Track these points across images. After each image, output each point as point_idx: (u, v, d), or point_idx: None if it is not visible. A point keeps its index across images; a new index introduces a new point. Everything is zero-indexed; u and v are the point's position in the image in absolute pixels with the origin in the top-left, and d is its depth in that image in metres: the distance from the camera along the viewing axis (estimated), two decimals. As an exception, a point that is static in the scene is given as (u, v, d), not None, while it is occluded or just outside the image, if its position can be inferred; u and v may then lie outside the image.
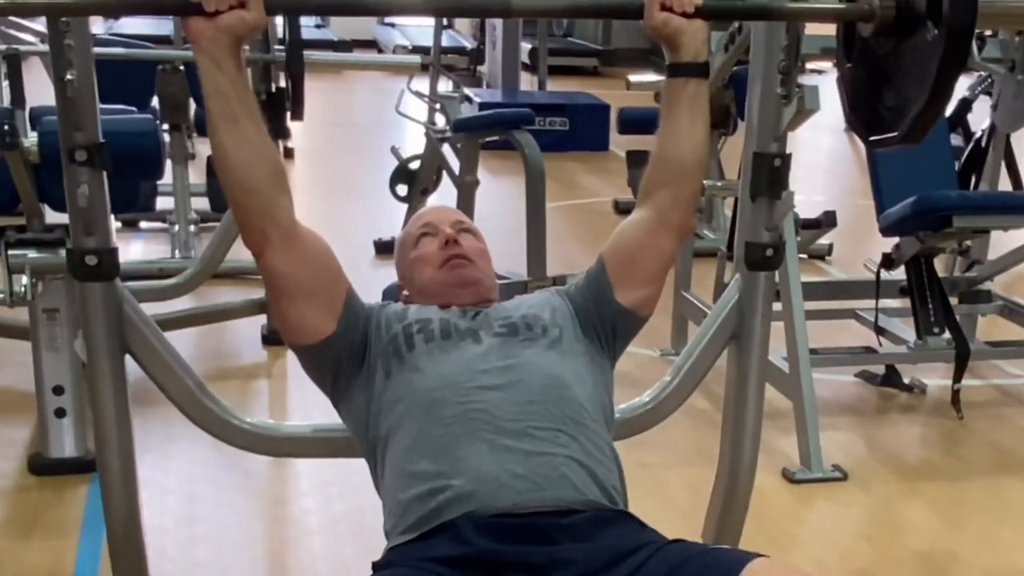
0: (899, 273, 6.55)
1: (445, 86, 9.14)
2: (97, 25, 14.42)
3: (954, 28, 2.89)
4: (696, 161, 3.23)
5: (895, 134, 3.15)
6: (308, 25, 17.19)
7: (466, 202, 7.91)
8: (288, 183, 3.01)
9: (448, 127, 8.13)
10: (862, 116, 3.40)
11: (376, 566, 2.84)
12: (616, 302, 3.25)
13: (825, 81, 4.84)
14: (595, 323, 3.26)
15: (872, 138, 3.37)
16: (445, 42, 9.72)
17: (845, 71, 3.49)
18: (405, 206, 8.42)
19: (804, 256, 8.55)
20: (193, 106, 7.74)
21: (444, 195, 8.27)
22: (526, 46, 16.47)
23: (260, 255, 2.99)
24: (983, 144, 7.34)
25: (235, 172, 2.88)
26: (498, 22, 15.15)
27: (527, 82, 16.17)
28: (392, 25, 21.59)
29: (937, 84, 2.96)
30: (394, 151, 8.83)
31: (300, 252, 3.00)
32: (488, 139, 8.07)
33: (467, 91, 10.92)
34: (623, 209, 10.73)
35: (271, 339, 6.98)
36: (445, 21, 10.19)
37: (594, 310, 3.27)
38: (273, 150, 2.99)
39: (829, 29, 3.66)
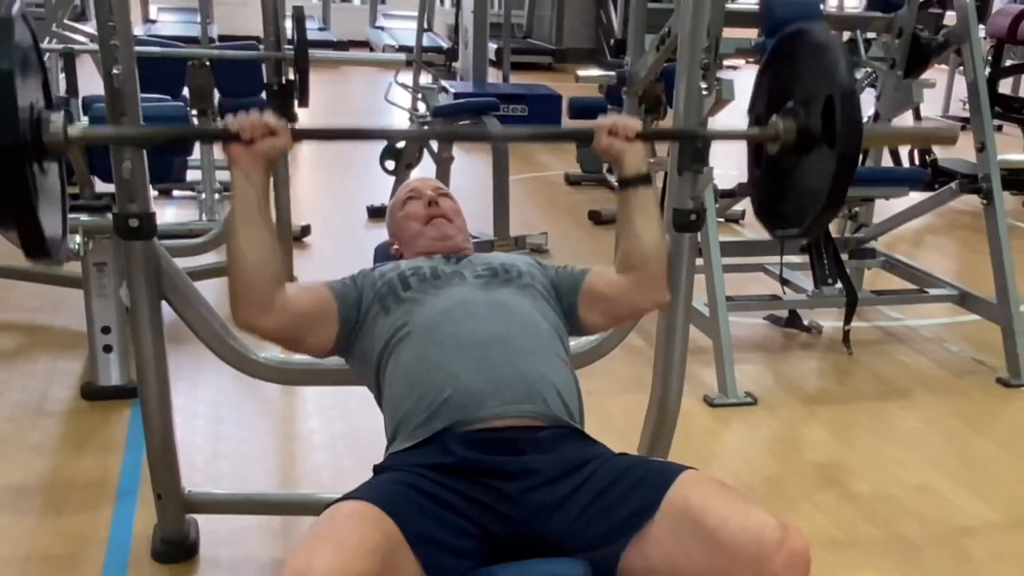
0: (800, 234, 6.56)
1: (426, 79, 9.15)
2: (137, 28, 14.41)
3: (844, 153, 3.04)
4: (655, 250, 3.22)
5: (797, 230, 3.28)
6: (312, 28, 17.19)
7: (443, 175, 7.90)
8: (284, 281, 3.03)
9: (428, 113, 8.14)
10: (769, 215, 3.53)
11: (377, 469, 2.88)
12: (576, 309, 3.27)
13: (739, 76, 4.84)
14: (556, 298, 3.28)
15: (777, 232, 3.49)
16: (426, 42, 9.72)
17: (755, 179, 3.57)
18: (392, 178, 8.40)
19: (722, 220, 8.56)
20: (217, 95, 7.71)
21: (425, 169, 8.26)
22: (493, 46, 16.42)
23: (251, 330, 3.04)
24: (869, 128, 7.36)
25: (244, 269, 2.92)
26: (470, 27, 15.15)
27: (493, 75, 16.14)
28: (382, 28, 21.52)
29: (831, 196, 3.12)
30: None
31: (290, 316, 3.03)
32: (461, 123, 8.08)
33: (444, 83, 10.93)
34: (573, 181, 10.80)
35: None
36: (426, 24, 10.19)
37: (558, 293, 3.29)
38: (278, 256, 3.02)
39: (742, 33, 3.71)
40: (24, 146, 2.66)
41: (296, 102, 6.91)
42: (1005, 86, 12.88)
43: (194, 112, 7.32)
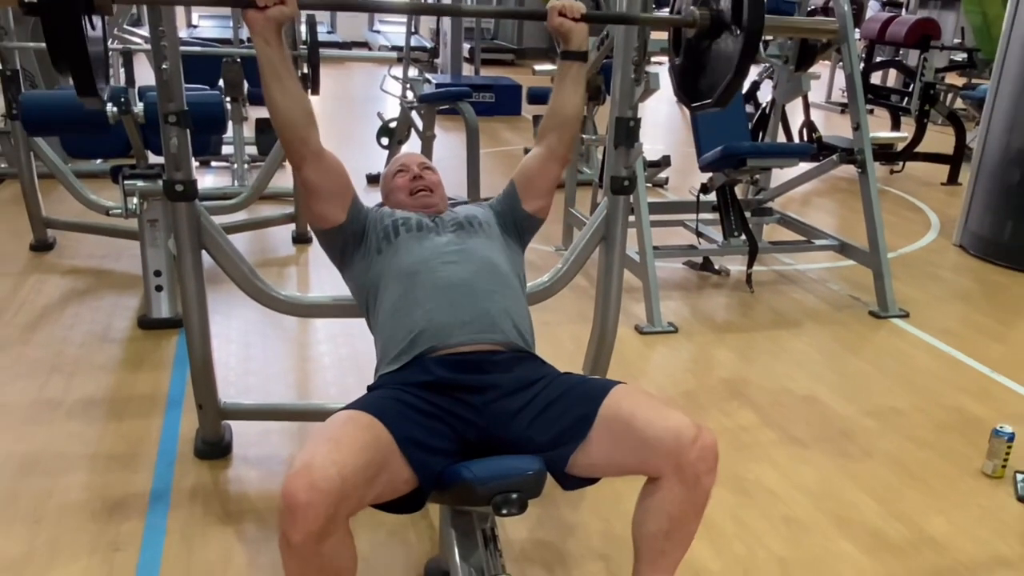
0: (712, 196, 6.57)
1: (413, 72, 9.10)
2: (182, 31, 14.32)
3: (750, 31, 3.02)
4: (575, 115, 3.36)
5: (710, 101, 3.25)
6: (322, 31, 17.13)
7: (427, 150, 7.90)
8: (315, 120, 3.09)
9: (415, 99, 8.12)
10: (687, 91, 3.48)
11: (370, 388, 2.92)
12: (523, 209, 3.34)
13: (663, 71, 4.82)
14: (509, 223, 3.34)
15: (694, 105, 3.45)
16: (413, 43, 9.64)
17: (674, 63, 3.55)
18: (386, 152, 8.39)
19: (650, 185, 8.57)
20: (247, 86, 7.69)
21: (412, 145, 8.24)
22: (466, 45, 16.38)
23: (298, 168, 3.11)
24: (767, 112, 7.39)
25: (281, 113, 3.00)
26: (448, 30, 15.12)
27: (467, 69, 16.09)
28: (378, 32, 21.43)
29: (739, 66, 3.09)
30: (379, 115, 8.80)
31: (324, 167, 3.11)
32: (441, 107, 8.06)
33: (427, 75, 10.88)
34: (531, 154, 10.72)
35: (298, 239, 7.01)
36: (413, 28, 10.13)
37: (508, 214, 3.35)
38: (305, 99, 3.07)
39: (665, 35, 3.72)
40: (78, 3, 2.66)
41: (309, 91, 6.93)
42: (876, 78, 12.90)
43: (228, 99, 7.29)
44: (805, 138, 10.53)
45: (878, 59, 12.08)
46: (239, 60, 7.55)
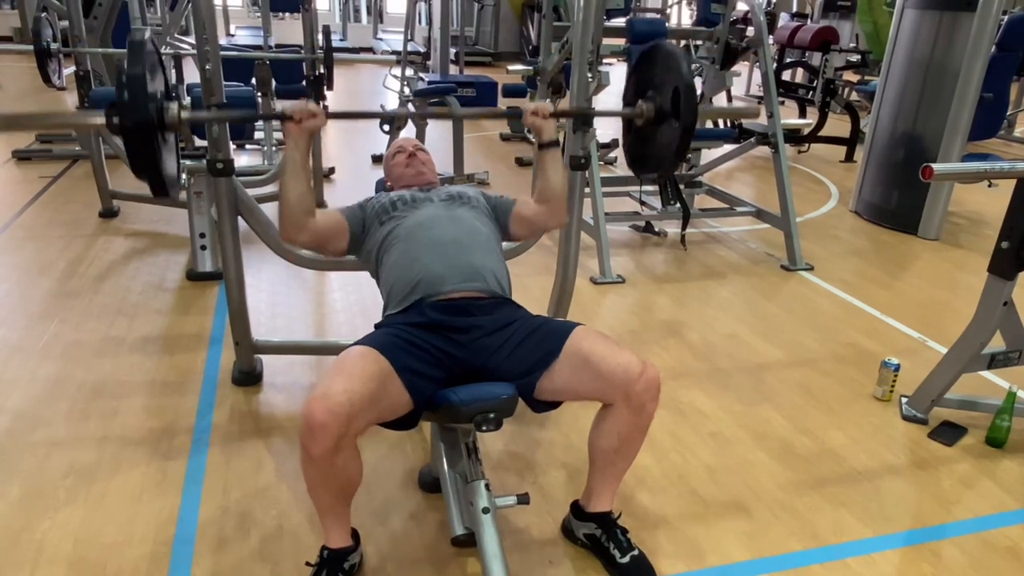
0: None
1: (409, 72, 9.05)
2: (222, 39, 14.21)
3: (686, 124, 3.17)
4: (562, 190, 3.29)
5: (656, 174, 3.54)
6: (335, 39, 17.04)
7: (420, 135, 7.86)
8: (315, 212, 3.03)
9: (411, 94, 8.08)
10: (638, 164, 3.60)
11: (376, 326, 2.90)
12: (508, 226, 3.30)
13: (613, 70, 4.80)
14: (494, 219, 3.30)
15: (643, 175, 3.66)
16: (409, 48, 9.63)
17: (627, 143, 3.66)
18: (387, 137, 8.34)
19: (602, 163, 8.54)
20: (274, 83, 7.66)
21: (408, 131, 8.19)
22: (452, 50, 16.26)
23: (291, 243, 3.06)
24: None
25: (290, 205, 2.95)
26: (438, 38, 15.01)
27: (453, 69, 16.00)
28: (381, 39, 21.26)
29: (678, 152, 3.24)
30: (382, 107, 8.74)
31: (316, 233, 3.04)
32: (432, 100, 8.02)
33: (421, 75, 10.84)
34: (505, 138, 10.66)
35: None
36: (410, 36, 10.12)
37: (495, 216, 3.31)
38: (311, 198, 3.03)
39: (615, 41, 3.70)
40: (152, 124, 2.75)
41: (325, 87, 6.94)
42: (786, 75, 12.86)
43: (259, 94, 7.26)
44: (728, 124, 10.50)
45: (788, 60, 12.03)
46: (267, 63, 7.54)
